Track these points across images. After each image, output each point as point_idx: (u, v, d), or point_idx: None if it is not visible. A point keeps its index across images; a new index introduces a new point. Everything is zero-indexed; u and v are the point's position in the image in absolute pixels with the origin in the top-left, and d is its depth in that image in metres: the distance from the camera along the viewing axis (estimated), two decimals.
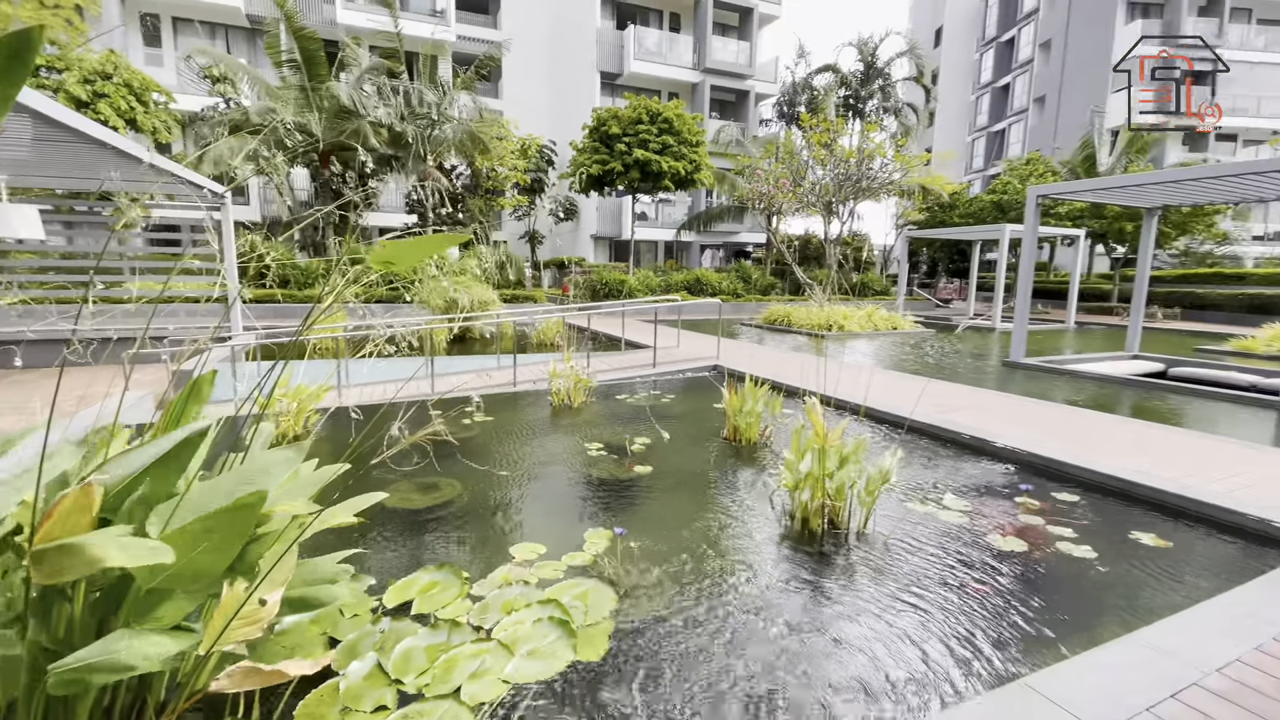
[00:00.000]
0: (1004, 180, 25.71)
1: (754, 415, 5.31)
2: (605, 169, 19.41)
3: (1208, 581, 3.04)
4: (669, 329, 12.56)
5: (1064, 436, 5.23)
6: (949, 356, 11.25)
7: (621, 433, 5.61)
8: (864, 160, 18.79)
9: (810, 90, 28.34)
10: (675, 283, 21.23)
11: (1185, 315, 20.44)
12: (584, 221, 27.70)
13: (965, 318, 18.84)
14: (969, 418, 5.80)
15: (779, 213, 22.80)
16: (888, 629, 2.60)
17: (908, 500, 4.07)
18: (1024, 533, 3.57)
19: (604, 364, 8.81)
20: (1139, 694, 2.01)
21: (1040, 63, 35.17)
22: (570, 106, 27.84)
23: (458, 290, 11.62)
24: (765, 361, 9.28)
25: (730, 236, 29.56)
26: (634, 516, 3.80)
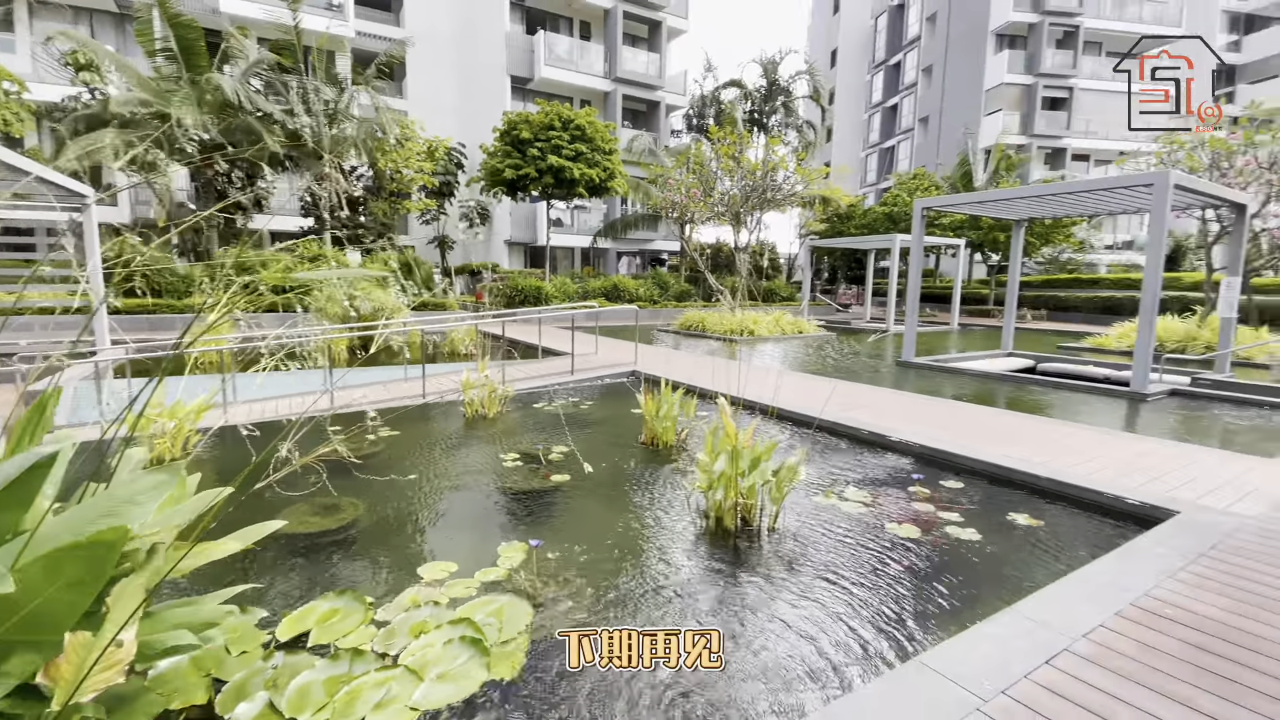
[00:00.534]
0: (894, 193, 27.69)
1: (670, 419, 5.38)
2: (519, 174, 19.11)
3: (1074, 555, 3.38)
4: (587, 336, 12.51)
5: (951, 429, 5.67)
6: (849, 358, 11.93)
7: (539, 442, 5.51)
8: (769, 172, 19.63)
9: (718, 104, 29.31)
10: (593, 289, 21.22)
11: (1050, 316, 22.82)
12: (497, 227, 27.12)
13: (860, 322, 20.08)
14: (868, 415, 6.16)
15: (691, 221, 23.36)
16: (798, 618, 2.70)
17: (814, 494, 4.25)
18: (917, 519, 3.83)
19: (521, 372, 8.64)
20: (1019, 662, 2.19)
21: (923, 86, 38.25)
22: (480, 109, 27.23)
23: (358, 298, 11.01)
24: (682, 366, 9.45)
25: (646, 244, 29.93)
26: (551, 527, 3.73)
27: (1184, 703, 1.99)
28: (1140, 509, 3.81)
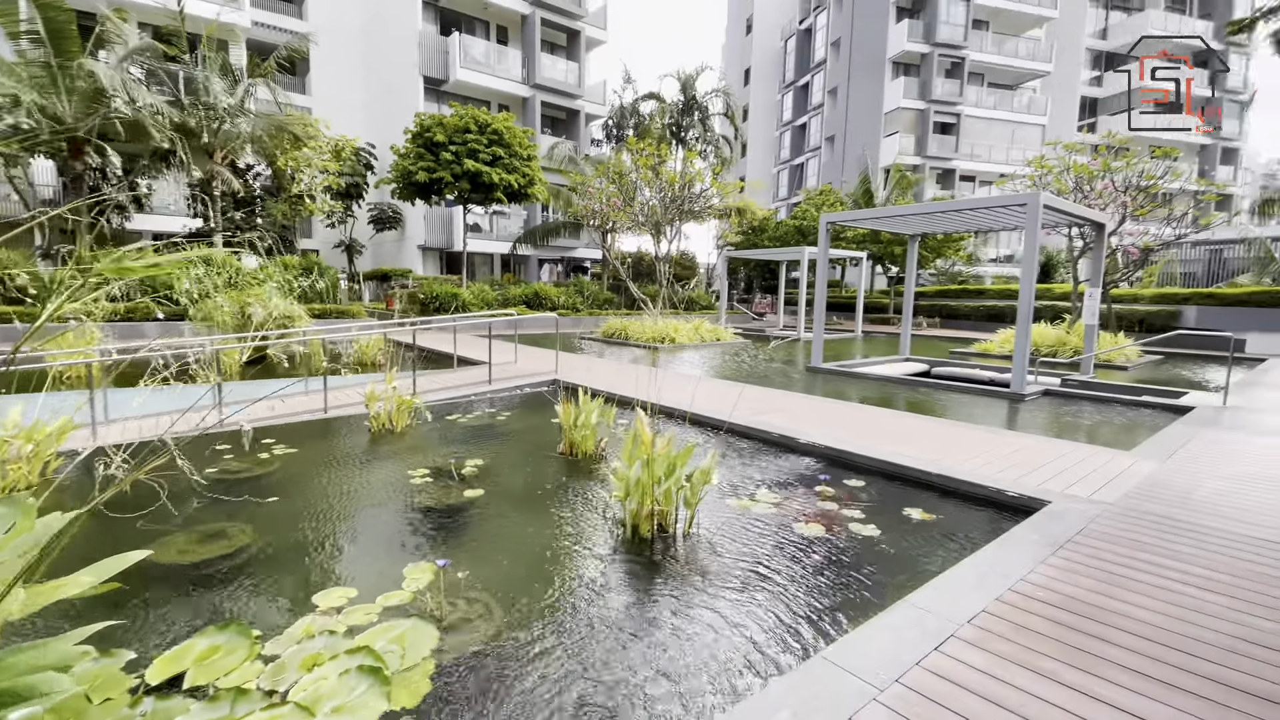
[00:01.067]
0: (803, 208, 29.09)
1: (590, 428, 5.35)
2: (432, 177, 18.50)
3: (961, 545, 3.64)
4: (506, 344, 12.25)
5: (854, 430, 5.98)
6: (763, 364, 12.36)
7: (451, 455, 5.31)
8: (687, 184, 20.10)
9: (637, 115, 29.72)
10: (513, 297, 20.84)
11: (943, 324, 24.67)
12: (411, 231, 26.11)
13: (774, 330, 20.90)
14: (779, 418, 6.40)
15: (613, 230, 23.49)
16: (709, 622, 2.74)
17: (728, 498, 4.35)
18: (822, 518, 4.00)
19: (434, 383, 8.32)
20: (911, 651, 2.32)
21: (829, 107, 40.51)
22: (391, 109, 26.19)
23: (252, 305, 10.25)
24: (603, 374, 9.43)
25: (568, 251, 29.78)
26: (463, 544, 3.60)
27: (1050, 676, 2.18)
28: (1018, 500, 4.17)
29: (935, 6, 32.86)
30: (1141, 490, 4.29)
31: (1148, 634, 2.48)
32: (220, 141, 16.28)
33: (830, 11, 40.03)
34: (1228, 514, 3.85)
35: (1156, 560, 3.18)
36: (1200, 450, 5.42)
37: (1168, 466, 4.89)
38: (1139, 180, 13.98)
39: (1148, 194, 14.04)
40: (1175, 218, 14.70)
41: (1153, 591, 2.84)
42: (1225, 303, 17.75)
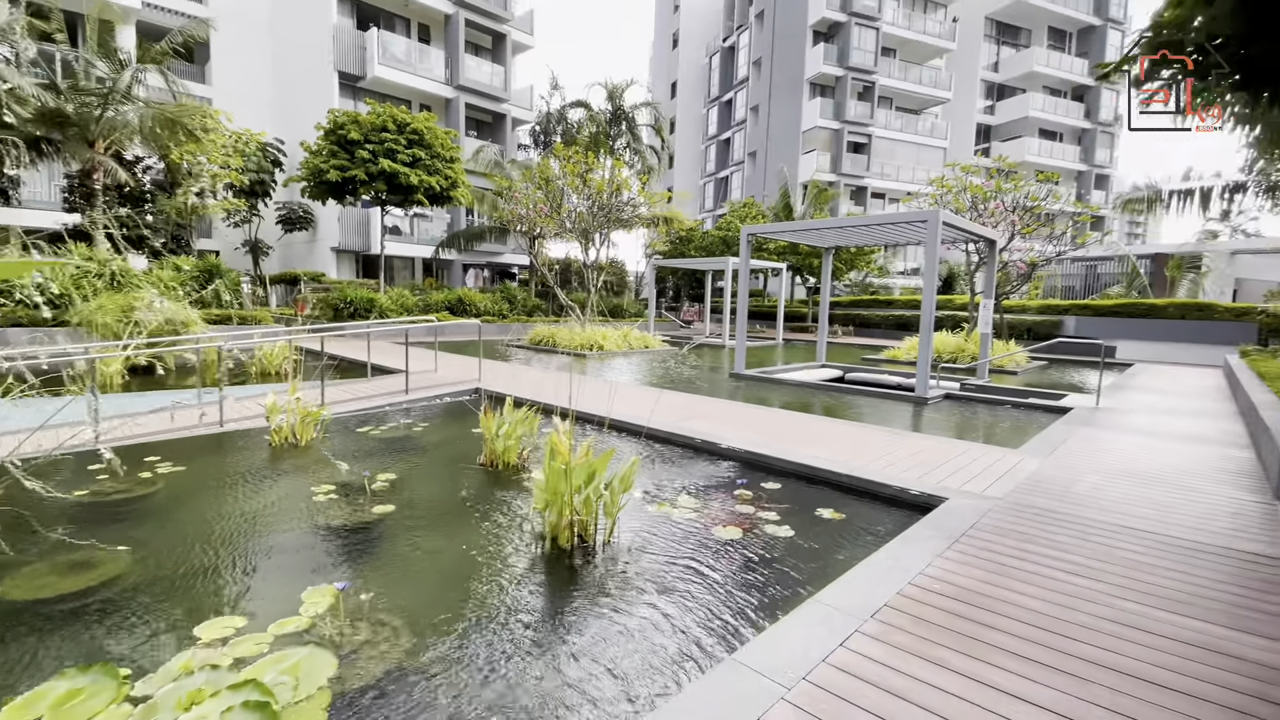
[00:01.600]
0: (728, 219, 29.92)
1: (513, 438, 5.23)
2: (345, 176, 17.63)
3: (868, 542, 3.81)
4: (426, 352, 11.81)
5: (773, 434, 6.17)
6: (689, 370, 12.56)
7: (361, 470, 5.04)
8: (615, 192, 20.21)
9: (565, 122, 29.63)
10: (435, 302, 20.16)
11: (857, 332, 25.99)
12: (324, 232, 24.77)
13: (699, 337, 21.32)
14: (702, 424, 6.50)
15: (541, 236, 23.23)
16: (625, 631, 2.72)
17: (649, 504, 4.37)
18: (740, 521, 4.08)
19: (345, 393, 7.90)
20: (818, 647, 2.40)
21: (751, 123, 41.97)
22: (302, 104, 24.83)
23: (140, 309, 9.39)
24: (529, 382, 9.27)
25: (495, 257, 29.18)
26: (369, 565, 3.41)
27: (944, 665, 2.31)
28: (919, 498, 4.42)
29: (848, 33, 34.80)
30: (1027, 486, 4.65)
31: (1031, 620, 2.67)
32: (103, 130, 14.85)
33: (752, 31, 41.53)
34: (1102, 506, 4.24)
35: (1040, 550, 3.45)
36: (1077, 448, 5.96)
37: (1050, 463, 5.34)
38: (1025, 201, 15.30)
39: (1033, 214, 15.39)
40: (1056, 236, 16.19)
41: (1036, 580, 3.08)
42: (1099, 313, 19.70)
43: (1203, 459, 5.61)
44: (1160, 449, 5.96)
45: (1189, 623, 2.67)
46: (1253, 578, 3.15)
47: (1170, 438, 6.50)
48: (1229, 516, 4.06)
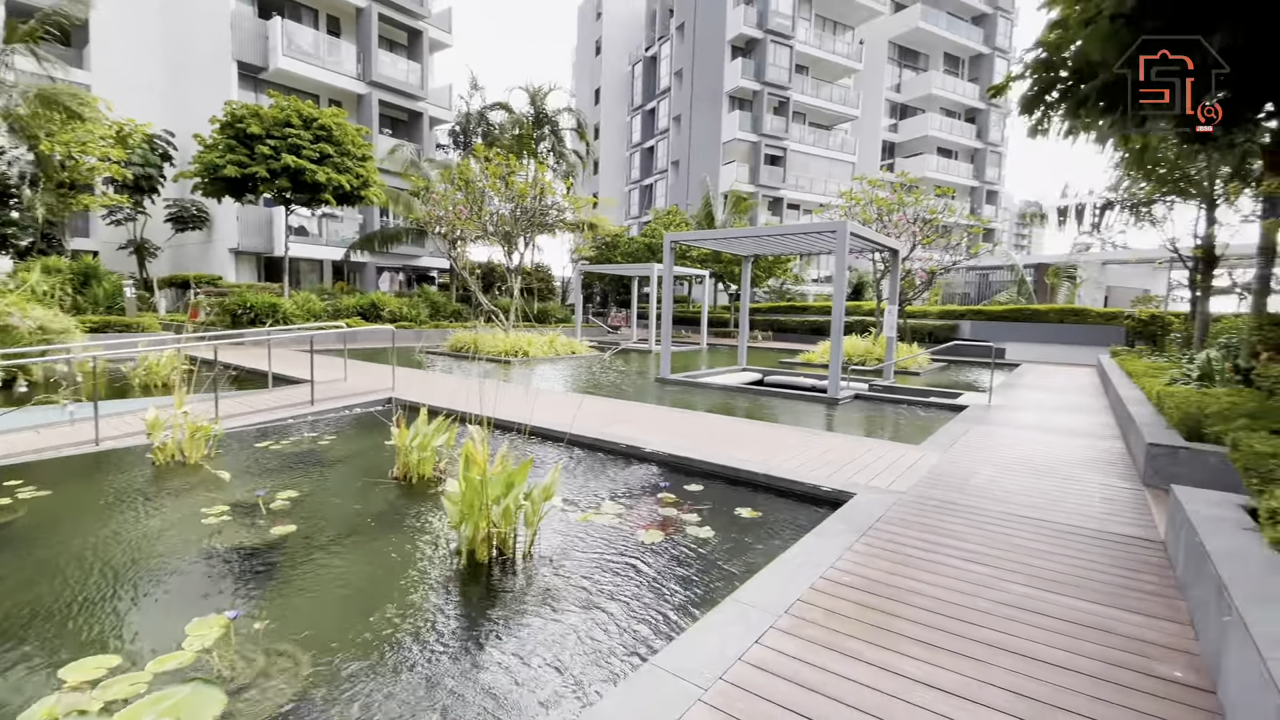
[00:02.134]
0: (652, 226, 30.28)
1: (428, 449, 5.01)
2: (245, 172, 16.43)
3: (784, 539, 3.92)
4: (335, 360, 11.15)
5: (696, 437, 6.26)
6: (616, 376, 12.58)
7: (259, 488, 4.68)
8: (539, 196, 19.98)
9: (486, 123, 29.01)
10: (346, 308, 19.14)
11: (775, 336, 26.94)
12: (220, 233, 22.98)
13: (626, 342, 21.43)
14: (627, 429, 6.51)
15: (461, 239, 22.59)
16: (545, 643, 2.66)
17: (572, 512, 4.31)
18: (663, 524, 4.11)
19: (242, 405, 7.33)
20: (734, 645, 2.43)
21: (674, 133, 42.74)
22: (195, 95, 23.00)
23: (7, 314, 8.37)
24: (447, 390, 8.95)
25: (412, 260, 28.08)
26: (265, 591, 3.16)
27: (854, 655, 2.40)
28: (831, 494, 4.61)
29: (765, 49, 36.18)
30: (928, 479, 4.96)
31: (935, 607, 2.83)
32: None
33: (673, 43, 42.35)
34: (995, 496, 4.58)
35: (940, 540, 3.67)
36: (973, 442, 6.42)
37: (948, 457, 5.72)
38: (925, 214, 16.42)
39: (932, 226, 16.54)
40: (953, 246, 17.47)
41: (937, 569, 3.27)
42: (990, 317, 21.42)
43: (1082, 450, 6.19)
44: (1045, 442, 6.53)
45: (1075, 603, 2.92)
46: (1128, 558, 3.49)
47: (1053, 431, 7.13)
48: (1104, 502, 4.49)
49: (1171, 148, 10.31)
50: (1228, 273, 14.27)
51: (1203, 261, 11.68)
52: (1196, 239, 11.86)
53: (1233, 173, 11.01)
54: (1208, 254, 11.54)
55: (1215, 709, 2.13)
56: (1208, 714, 2.10)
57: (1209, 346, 9.25)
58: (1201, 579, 2.69)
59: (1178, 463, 4.78)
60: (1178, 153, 10.45)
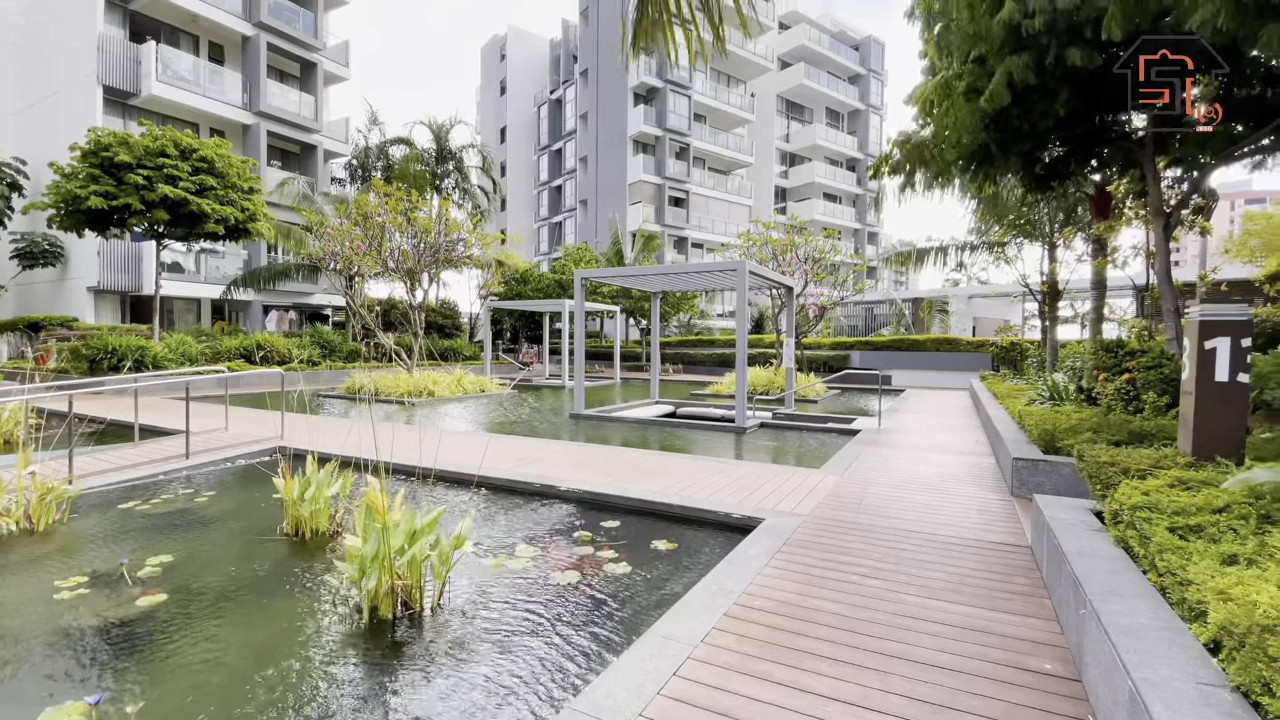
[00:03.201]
0: (562, 263, 30.47)
1: (321, 501, 4.68)
2: (112, 204, 14.94)
3: (699, 568, 3.99)
4: (215, 407, 10.21)
5: (611, 472, 6.27)
6: (529, 413, 12.36)
7: (124, 555, 4.16)
8: (443, 232, 19.59)
9: (386, 158, 28.24)
10: (228, 350, 17.61)
11: (685, 369, 27.64)
12: (78, 269, 20.62)
13: (539, 379, 21.19)
14: (541, 468, 6.41)
15: (359, 275, 21.59)
16: (457, 700, 2.53)
17: (485, 557, 4.17)
18: (580, 564, 4.06)
19: (103, 462, 6.53)
20: (653, 680, 2.44)
21: (581, 173, 43.61)
22: (52, 120, 20.83)
23: None
24: (342, 436, 8.41)
25: (304, 297, 26.43)
26: (133, 670, 2.80)
27: (766, 678, 2.48)
28: (741, 521, 4.76)
29: (665, 98, 38.03)
30: (828, 501, 5.25)
31: (838, 624, 2.99)
32: None
33: (578, 87, 43.57)
34: (888, 513, 4.91)
35: (840, 559, 3.88)
36: (867, 464, 6.87)
37: (845, 479, 6.08)
38: (815, 254, 17.68)
39: (821, 264, 17.82)
40: (841, 283, 18.87)
41: (839, 586, 3.45)
42: (877, 347, 23.17)
43: (959, 466, 6.78)
44: (929, 460, 7.10)
45: (959, 608, 3.17)
46: (1001, 564, 3.84)
47: (935, 450, 7.78)
48: (979, 513, 4.94)
49: (1016, 197, 11.85)
50: (1070, 304, 16.38)
51: (1048, 295, 13.34)
52: (1042, 275, 13.56)
53: (1067, 218, 12.79)
54: (1051, 288, 13.21)
55: (1081, 695, 2.38)
56: (1075, 701, 2.35)
57: (1059, 370, 10.52)
58: (1062, 578, 3.03)
59: (1038, 474, 5.37)
60: (1021, 200, 12.00)
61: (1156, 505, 2.89)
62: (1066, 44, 5.31)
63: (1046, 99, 5.89)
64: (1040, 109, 6.01)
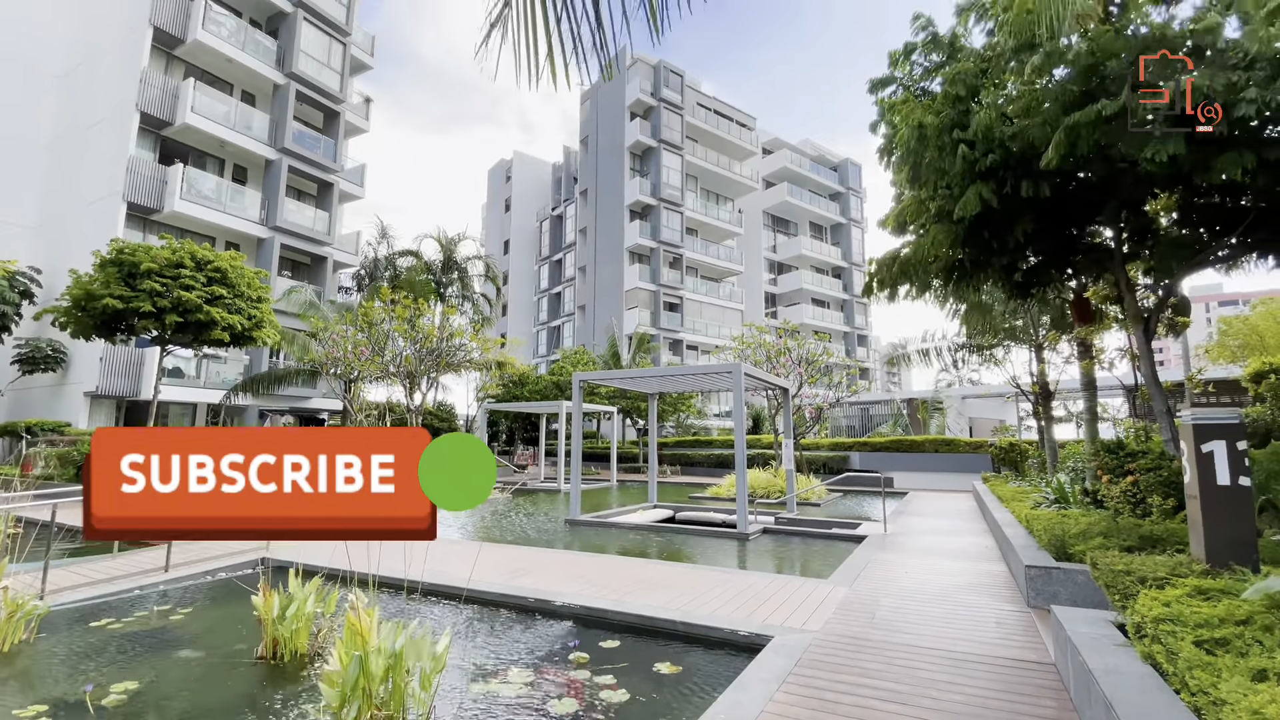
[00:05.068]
0: (560, 365, 30.90)
1: (301, 619, 4.44)
2: (128, 306, 15.29)
3: (706, 694, 3.73)
4: None
5: (609, 585, 6.00)
6: (523, 519, 12.00)
7: (89, 679, 3.88)
8: (445, 338, 20.03)
9: (394, 268, 29.43)
10: None
11: (683, 470, 27.19)
12: (78, 374, 20.74)
13: (534, 482, 20.78)
14: (534, 580, 6.14)
15: (358, 379, 21.77)
16: None
17: (474, 682, 3.89)
18: (577, 690, 3.79)
19: (79, 575, 6.24)
20: None
21: (580, 281, 45.39)
22: (75, 233, 21.86)
23: None
24: (326, 546, 8.09)
25: (301, 401, 26.42)
26: None
27: None
28: (749, 639, 4.51)
29: (659, 214, 40.55)
30: (839, 615, 5.00)
31: None
32: None
33: (578, 205, 46.51)
34: (902, 628, 4.66)
35: (854, 680, 3.64)
36: (876, 573, 6.61)
37: (855, 590, 5.83)
38: (808, 356, 18.04)
39: (815, 366, 18.12)
40: (835, 384, 19.09)
41: (854, 712, 3.22)
42: (876, 448, 22.99)
43: (971, 574, 6.53)
44: (939, 568, 6.85)
45: None
46: (1025, 684, 3.61)
47: (944, 555, 7.52)
48: (997, 626, 4.70)
49: (1000, 302, 12.32)
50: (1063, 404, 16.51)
51: (1040, 395, 13.49)
52: (1032, 376, 13.78)
53: (1052, 322, 13.21)
54: (1043, 389, 13.38)
55: None
56: None
57: (1060, 470, 10.41)
58: (1092, 699, 2.84)
59: (1053, 582, 5.17)
60: (1005, 306, 12.46)
61: (1179, 617, 2.78)
62: (1020, 176, 5.87)
63: (1011, 220, 6.36)
64: (1007, 228, 6.45)
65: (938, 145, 6.12)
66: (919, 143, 6.24)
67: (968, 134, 5.93)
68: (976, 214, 6.04)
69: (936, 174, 6.32)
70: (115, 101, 22.31)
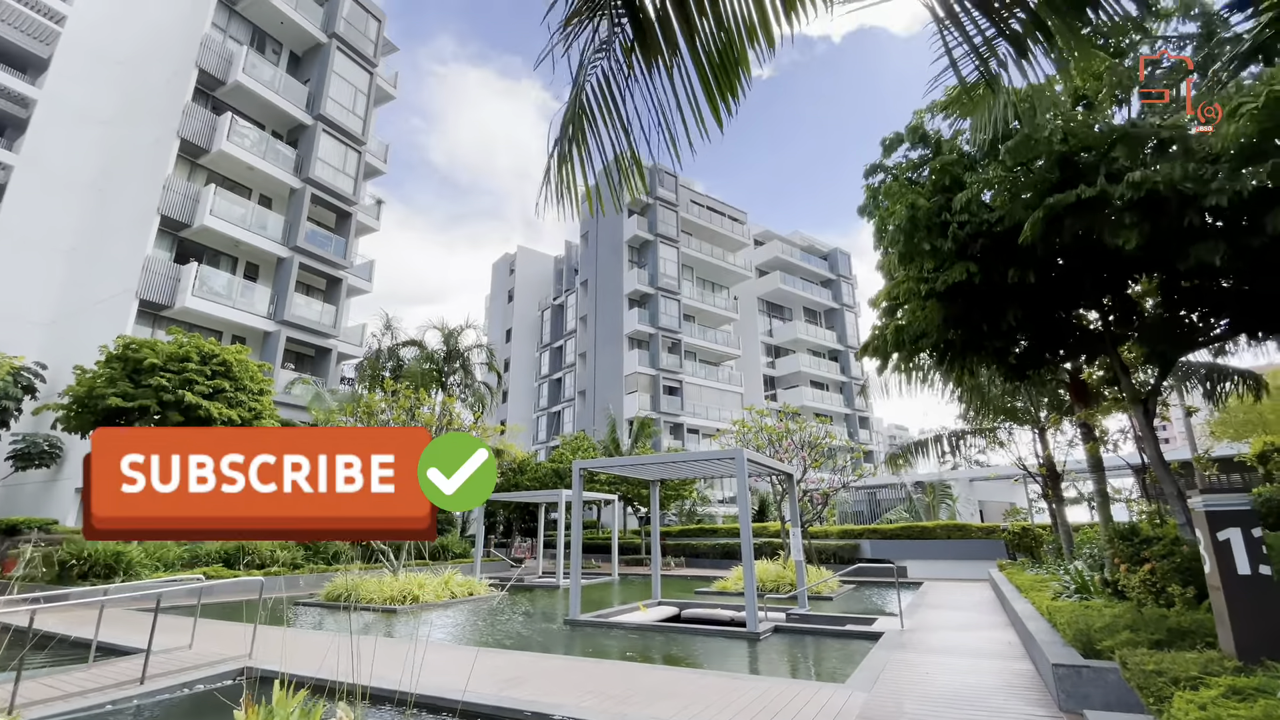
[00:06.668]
0: (560, 452, 30.55)
1: None
2: (131, 404, 15.35)
3: None
4: (184, 620, 9.43)
5: (611, 694, 5.64)
6: (520, 620, 11.44)
7: None
8: (444, 427, 19.96)
9: (397, 358, 29.82)
10: (207, 553, 16.77)
11: (688, 562, 26.20)
12: (71, 471, 20.48)
13: (531, 577, 19.97)
14: (531, 690, 5.78)
15: None
16: None
17: None
18: None
19: (50, 688, 5.88)
20: None
21: (580, 367, 45.89)
22: (85, 330, 22.32)
23: None
24: (316, 652, 7.66)
25: None
26: None
27: None
28: None
29: (657, 302, 41.73)
30: None
31: None
32: None
33: (578, 295, 47.96)
34: None
35: None
36: (896, 675, 6.24)
37: (875, 696, 5.48)
38: (810, 439, 17.89)
39: (818, 449, 17.93)
40: (840, 468, 18.82)
41: None
42: (887, 536, 22.30)
43: (996, 674, 6.16)
44: (961, 668, 6.47)
45: None
46: None
47: (967, 654, 7.12)
48: None
49: (997, 385, 12.40)
50: (1073, 485, 16.20)
51: (1047, 477, 13.29)
52: (1038, 458, 13.63)
53: (1051, 404, 13.24)
54: (1050, 470, 13.20)
55: None
56: None
57: (1077, 557, 10.07)
58: None
59: (1083, 682, 4.87)
60: (1003, 389, 12.54)
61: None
62: (1007, 263, 6.14)
63: (1000, 304, 6.57)
64: (999, 312, 6.65)
65: (928, 225, 6.43)
66: (911, 223, 6.55)
67: (954, 216, 6.25)
68: (966, 297, 6.24)
69: (926, 255, 6.58)
70: (137, 206, 23.51)
